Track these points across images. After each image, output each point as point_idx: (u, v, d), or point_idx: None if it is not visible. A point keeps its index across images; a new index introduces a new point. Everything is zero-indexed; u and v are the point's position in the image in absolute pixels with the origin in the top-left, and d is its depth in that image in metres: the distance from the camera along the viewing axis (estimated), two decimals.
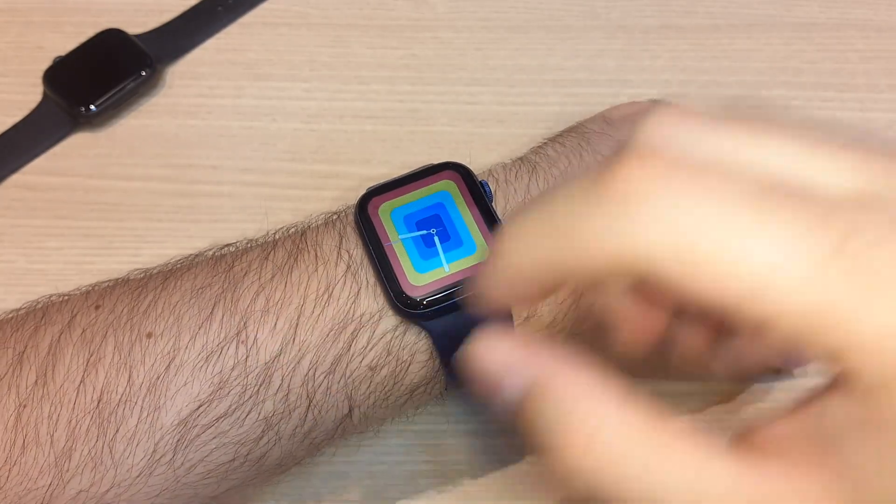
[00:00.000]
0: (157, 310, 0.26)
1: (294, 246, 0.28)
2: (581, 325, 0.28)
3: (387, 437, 0.34)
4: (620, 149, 0.16)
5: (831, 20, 0.44)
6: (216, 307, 0.26)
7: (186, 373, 0.25)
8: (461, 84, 0.42)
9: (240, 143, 0.41)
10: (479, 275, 0.19)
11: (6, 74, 0.42)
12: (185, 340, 0.25)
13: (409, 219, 0.28)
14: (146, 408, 0.25)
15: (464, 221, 0.27)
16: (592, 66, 0.43)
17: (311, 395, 0.26)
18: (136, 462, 0.25)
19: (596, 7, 0.45)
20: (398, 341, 0.27)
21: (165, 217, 0.39)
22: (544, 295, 0.18)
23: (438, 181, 0.28)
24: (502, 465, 0.33)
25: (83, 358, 0.25)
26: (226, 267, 0.27)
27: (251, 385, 0.25)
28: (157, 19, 0.44)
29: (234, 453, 0.26)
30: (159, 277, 0.27)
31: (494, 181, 0.30)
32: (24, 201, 0.39)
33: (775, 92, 0.42)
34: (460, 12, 0.45)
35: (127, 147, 0.40)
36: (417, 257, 0.27)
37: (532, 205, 0.18)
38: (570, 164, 0.30)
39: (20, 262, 0.37)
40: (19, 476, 0.24)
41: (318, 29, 0.44)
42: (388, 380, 0.27)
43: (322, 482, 0.33)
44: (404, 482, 0.33)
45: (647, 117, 0.17)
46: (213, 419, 0.25)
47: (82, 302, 0.27)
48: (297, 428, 0.26)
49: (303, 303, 0.26)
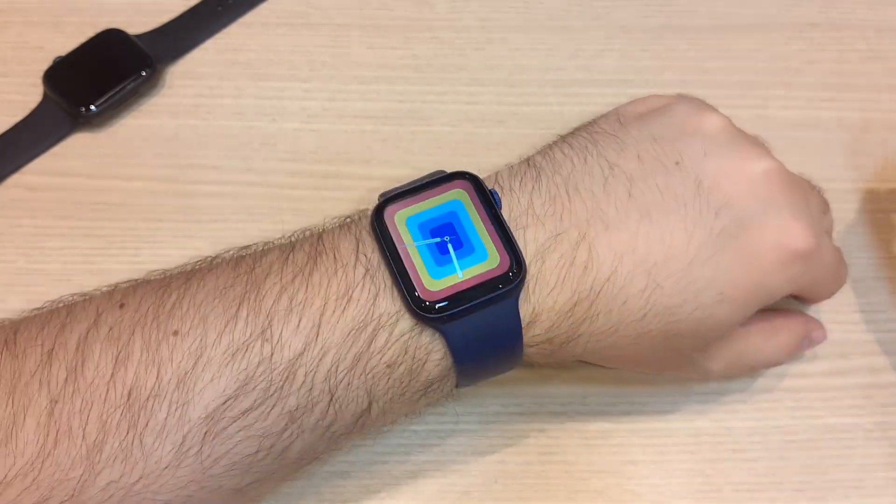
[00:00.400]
0: (182, 308, 0.27)
1: (312, 248, 0.29)
2: (576, 331, 0.29)
3: (387, 437, 0.34)
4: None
5: (831, 20, 0.45)
6: (241, 306, 0.27)
7: (213, 369, 0.26)
8: (461, 84, 0.43)
9: (240, 143, 0.41)
10: None
11: (6, 74, 0.42)
12: (211, 338, 0.26)
13: (423, 227, 0.29)
14: (175, 402, 0.26)
15: (475, 230, 0.28)
16: (592, 66, 0.43)
17: (333, 391, 0.27)
18: (164, 454, 0.26)
19: (596, 7, 0.45)
20: (414, 341, 0.28)
21: (166, 217, 0.39)
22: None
23: (450, 190, 0.29)
24: (502, 465, 0.33)
25: (112, 355, 0.26)
26: (247, 268, 0.28)
27: (276, 381, 0.27)
28: (157, 19, 0.44)
29: (259, 446, 0.27)
30: (181, 277, 0.28)
31: (500, 189, 0.30)
32: (24, 201, 0.39)
33: (775, 92, 0.43)
34: (460, 12, 0.45)
35: (127, 147, 0.40)
36: (433, 264, 0.28)
37: None
38: (574, 168, 0.30)
39: (20, 262, 0.37)
40: (52, 468, 0.25)
41: (318, 29, 0.44)
42: (404, 376, 0.28)
43: (322, 482, 0.33)
44: (404, 482, 0.33)
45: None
46: (238, 413, 0.26)
47: (106, 301, 0.28)
48: (318, 421, 0.27)
49: (324, 303, 0.27)
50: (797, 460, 0.34)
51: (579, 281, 0.28)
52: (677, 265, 0.28)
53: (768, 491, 0.33)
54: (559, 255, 0.28)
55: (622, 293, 0.28)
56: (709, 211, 0.29)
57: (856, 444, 0.34)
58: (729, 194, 0.29)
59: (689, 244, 0.29)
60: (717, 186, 0.29)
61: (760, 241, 0.29)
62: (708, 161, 0.30)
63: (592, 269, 0.28)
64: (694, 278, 0.28)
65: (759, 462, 0.34)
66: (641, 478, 0.33)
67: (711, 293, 0.29)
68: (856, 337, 0.36)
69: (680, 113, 0.31)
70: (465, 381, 0.29)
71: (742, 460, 0.34)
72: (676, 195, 0.29)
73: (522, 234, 0.29)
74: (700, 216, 0.29)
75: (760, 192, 0.29)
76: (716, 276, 0.29)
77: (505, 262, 0.28)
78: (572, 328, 0.29)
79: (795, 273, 0.30)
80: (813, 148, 0.41)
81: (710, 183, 0.29)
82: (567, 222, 0.29)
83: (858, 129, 0.41)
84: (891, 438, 0.34)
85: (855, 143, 0.41)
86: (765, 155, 0.31)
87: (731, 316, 0.29)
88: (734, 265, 0.29)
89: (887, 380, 0.35)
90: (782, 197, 0.30)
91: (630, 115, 0.32)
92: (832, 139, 0.41)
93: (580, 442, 0.34)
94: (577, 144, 0.31)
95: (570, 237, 0.29)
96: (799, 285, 0.31)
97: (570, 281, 0.28)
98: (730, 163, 0.30)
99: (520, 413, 0.34)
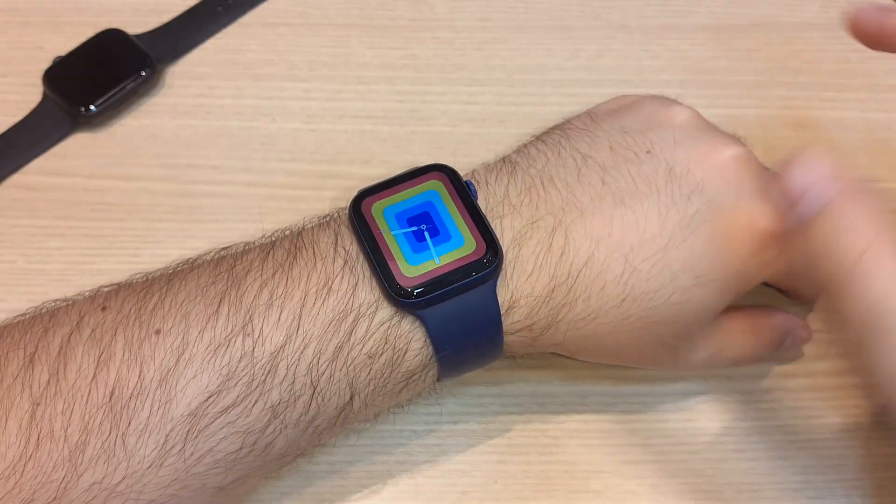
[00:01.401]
0: (164, 308, 0.27)
1: (292, 245, 0.29)
2: (555, 317, 0.29)
3: (386, 438, 0.34)
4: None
5: (831, 20, 0.44)
6: (222, 303, 0.27)
7: (196, 365, 0.26)
8: (461, 84, 0.43)
9: (240, 143, 0.41)
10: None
11: (6, 74, 0.42)
12: (193, 335, 0.27)
13: (400, 216, 0.29)
14: (157, 400, 0.26)
15: (451, 217, 0.29)
16: (592, 66, 0.43)
17: (315, 383, 0.27)
18: (147, 453, 0.26)
19: (596, 7, 0.45)
20: (394, 330, 0.28)
21: (165, 217, 0.39)
22: None
23: (426, 181, 0.30)
24: (502, 465, 0.33)
25: (94, 356, 0.26)
26: (228, 266, 0.28)
27: (258, 375, 0.27)
28: (157, 19, 0.44)
29: (242, 442, 0.27)
30: (163, 279, 0.29)
31: (476, 182, 0.31)
32: (24, 201, 0.39)
33: (775, 92, 0.42)
34: (460, 12, 0.45)
35: (127, 147, 0.40)
36: (409, 251, 0.28)
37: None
38: (548, 162, 0.31)
39: (20, 262, 0.37)
40: (34, 470, 0.25)
41: (318, 29, 0.44)
42: (385, 367, 0.28)
43: (322, 482, 0.33)
44: (404, 482, 0.33)
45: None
46: (221, 409, 0.26)
47: (89, 304, 0.28)
48: (301, 416, 0.28)
49: (304, 296, 0.27)
50: (797, 460, 0.34)
51: (556, 266, 0.29)
52: (653, 248, 0.29)
53: (768, 491, 0.33)
54: (536, 241, 0.29)
55: (600, 278, 0.29)
56: (681, 195, 0.29)
57: (856, 444, 0.34)
58: (700, 179, 0.30)
59: (664, 228, 0.29)
60: (688, 172, 0.30)
61: (733, 224, 0.29)
62: (678, 149, 0.30)
63: (569, 255, 0.29)
64: (670, 261, 0.29)
65: (759, 462, 0.34)
66: (641, 478, 0.33)
67: (688, 276, 0.29)
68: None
69: (649, 107, 0.32)
70: (446, 372, 0.30)
71: (742, 460, 0.34)
72: (649, 181, 0.30)
73: (499, 222, 0.29)
74: (673, 201, 0.29)
75: (731, 176, 0.30)
76: (691, 259, 0.29)
77: (481, 248, 0.28)
78: (551, 314, 0.29)
79: (769, 257, 0.30)
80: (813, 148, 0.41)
81: (682, 169, 0.30)
82: (543, 210, 0.29)
83: (858, 129, 0.41)
84: (891, 438, 0.34)
85: (855, 144, 0.41)
86: (734, 142, 0.31)
87: (709, 300, 0.30)
88: (708, 247, 0.29)
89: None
90: (753, 181, 0.30)
91: (601, 112, 0.33)
92: (832, 139, 0.41)
93: (580, 442, 0.34)
94: (551, 140, 0.32)
95: (545, 224, 0.29)
96: (774, 272, 0.31)
97: (548, 266, 0.29)
98: (700, 150, 0.30)
99: (520, 413, 0.34)
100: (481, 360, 0.30)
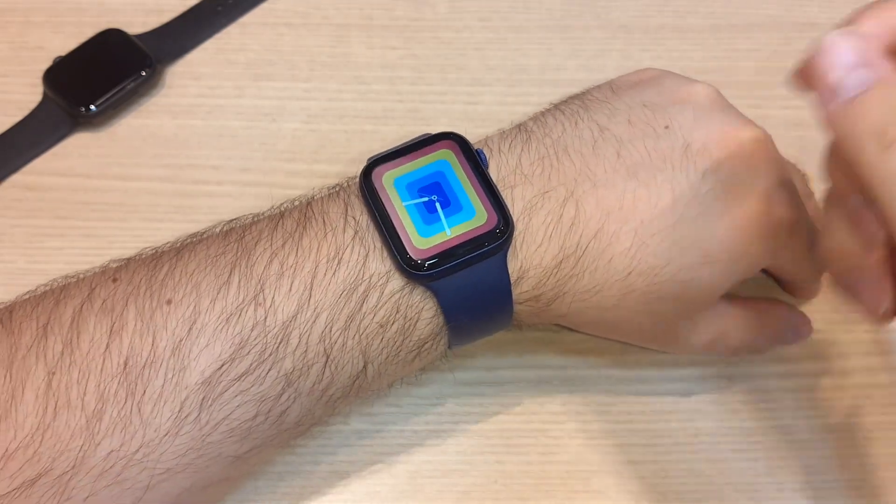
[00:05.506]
0: (174, 278, 0.27)
1: (301, 215, 0.29)
2: (562, 288, 0.29)
3: (387, 437, 0.34)
4: None
5: (831, 20, 0.44)
6: (233, 273, 0.27)
7: (208, 334, 0.27)
8: (461, 84, 0.43)
9: (240, 143, 0.41)
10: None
11: (6, 74, 0.42)
12: (204, 304, 0.27)
13: (410, 187, 0.29)
14: (171, 369, 0.26)
15: (462, 188, 0.29)
16: (592, 66, 0.43)
17: (328, 351, 0.28)
18: (163, 421, 0.26)
19: (596, 7, 0.45)
20: (406, 300, 0.28)
21: (165, 217, 0.39)
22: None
23: (437, 150, 0.30)
24: (502, 465, 0.33)
25: (106, 326, 0.26)
26: (237, 237, 0.29)
27: (270, 343, 0.27)
28: (157, 19, 0.44)
29: (256, 410, 0.27)
30: (171, 252, 0.29)
31: (489, 150, 0.30)
32: (24, 201, 0.39)
33: (775, 92, 0.42)
34: (460, 12, 0.45)
35: (127, 147, 0.40)
36: (421, 223, 0.28)
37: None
38: (565, 132, 0.30)
39: (20, 262, 0.37)
40: (53, 439, 0.25)
41: (318, 29, 0.44)
42: (397, 336, 0.28)
43: (323, 482, 0.33)
44: (404, 482, 0.33)
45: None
46: (235, 377, 0.27)
47: (99, 277, 0.28)
48: (315, 384, 0.28)
49: (315, 266, 0.28)
50: (797, 460, 0.34)
51: (566, 237, 0.29)
52: (663, 224, 0.29)
53: (768, 491, 0.33)
54: (546, 211, 0.29)
55: (608, 251, 0.29)
56: (696, 173, 0.29)
57: (856, 444, 0.34)
58: (717, 158, 0.30)
59: (676, 203, 0.29)
60: (705, 150, 0.30)
61: (745, 206, 0.29)
62: (697, 126, 0.30)
63: (579, 227, 0.29)
64: (679, 237, 0.29)
65: (759, 462, 0.34)
66: (641, 478, 0.33)
67: (695, 253, 0.29)
68: (856, 337, 0.36)
69: (671, 82, 0.32)
70: (457, 341, 0.30)
71: (742, 460, 0.34)
72: (664, 157, 0.30)
73: (510, 192, 0.29)
74: (687, 177, 0.29)
75: (748, 159, 0.30)
76: (700, 236, 0.29)
77: (492, 219, 0.28)
78: (559, 285, 0.29)
79: (777, 245, 0.30)
80: (813, 148, 0.41)
81: (699, 147, 0.30)
82: (555, 181, 0.29)
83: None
84: (891, 438, 0.34)
85: None
86: (753, 125, 0.31)
87: (714, 280, 0.30)
88: (718, 226, 0.29)
89: (887, 380, 0.35)
90: (769, 166, 0.30)
91: (623, 84, 0.33)
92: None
93: (580, 442, 0.34)
94: (569, 110, 0.31)
95: (557, 195, 0.29)
96: (779, 260, 0.31)
97: (557, 237, 0.29)
98: (719, 129, 0.30)
99: (520, 413, 0.34)
100: (493, 328, 0.31)
